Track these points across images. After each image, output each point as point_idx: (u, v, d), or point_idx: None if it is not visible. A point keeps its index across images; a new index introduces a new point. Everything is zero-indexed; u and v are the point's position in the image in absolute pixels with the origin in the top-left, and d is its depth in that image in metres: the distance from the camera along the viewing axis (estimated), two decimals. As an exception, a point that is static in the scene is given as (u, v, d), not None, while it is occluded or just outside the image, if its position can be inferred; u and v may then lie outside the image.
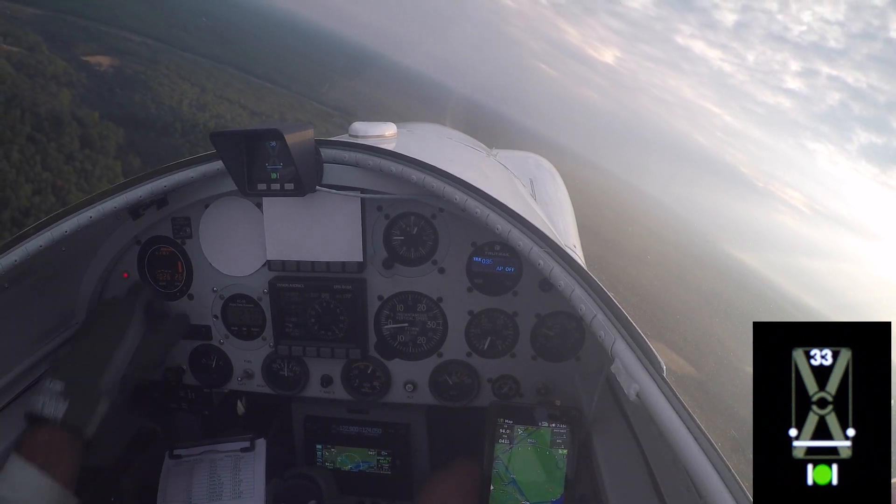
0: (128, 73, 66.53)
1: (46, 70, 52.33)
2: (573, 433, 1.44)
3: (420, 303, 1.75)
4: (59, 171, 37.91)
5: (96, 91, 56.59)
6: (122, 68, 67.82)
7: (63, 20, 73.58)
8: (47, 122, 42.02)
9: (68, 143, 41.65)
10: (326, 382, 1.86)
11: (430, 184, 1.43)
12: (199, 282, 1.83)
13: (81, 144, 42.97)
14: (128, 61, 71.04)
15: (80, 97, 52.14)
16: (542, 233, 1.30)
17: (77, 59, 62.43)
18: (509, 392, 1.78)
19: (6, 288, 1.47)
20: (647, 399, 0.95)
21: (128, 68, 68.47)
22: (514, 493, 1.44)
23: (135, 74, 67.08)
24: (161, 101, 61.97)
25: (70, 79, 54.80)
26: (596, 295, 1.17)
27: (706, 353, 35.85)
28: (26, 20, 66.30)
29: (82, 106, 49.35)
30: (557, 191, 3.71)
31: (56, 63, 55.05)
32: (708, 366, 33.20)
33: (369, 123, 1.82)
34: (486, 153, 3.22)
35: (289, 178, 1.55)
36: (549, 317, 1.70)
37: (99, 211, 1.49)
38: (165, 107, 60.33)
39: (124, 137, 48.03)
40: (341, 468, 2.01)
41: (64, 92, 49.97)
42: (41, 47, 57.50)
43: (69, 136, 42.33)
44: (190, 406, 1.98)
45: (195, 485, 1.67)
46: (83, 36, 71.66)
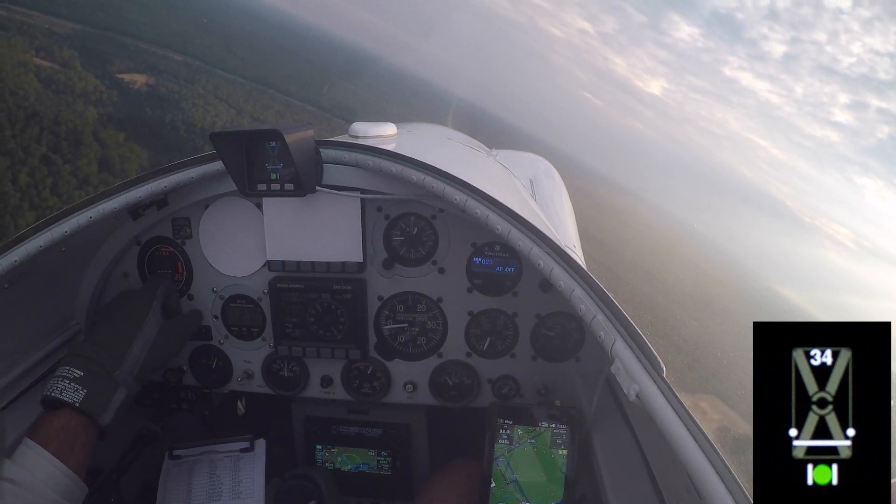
0: (161, 93, 65.53)
1: (76, 87, 51.55)
2: (573, 433, 1.44)
3: (420, 303, 1.75)
4: (68, 197, 37.04)
5: (126, 110, 55.73)
6: (157, 87, 66.87)
7: (103, 36, 72.82)
8: (66, 142, 41.00)
9: (85, 167, 40.95)
10: (326, 383, 1.86)
11: (430, 184, 1.43)
12: (198, 282, 1.83)
13: (100, 167, 42.26)
14: (164, 80, 70.14)
15: (107, 116, 51.33)
16: (541, 233, 1.30)
17: (111, 76, 61.81)
18: (509, 392, 1.78)
19: (6, 288, 1.47)
20: (647, 399, 0.95)
21: (162, 87, 67.51)
22: (514, 494, 1.44)
23: (169, 94, 66.14)
24: (192, 123, 61.35)
25: (100, 97, 54.13)
26: (596, 295, 1.17)
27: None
28: (65, 35, 65.61)
29: (108, 126, 48.47)
30: (557, 191, 3.72)
31: (87, 80, 54.24)
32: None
33: (369, 124, 1.82)
34: (485, 153, 3.22)
35: (289, 179, 1.55)
36: (549, 317, 1.70)
37: (99, 211, 1.49)
38: (196, 129, 59.59)
39: (148, 160, 47.29)
40: (341, 468, 2.01)
41: (90, 111, 49.21)
42: (74, 63, 56.77)
43: (87, 158, 41.67)
44: (190, 406, 1.98)
45: (195, 485, 1.67)
46: (122, 53, 70.85)
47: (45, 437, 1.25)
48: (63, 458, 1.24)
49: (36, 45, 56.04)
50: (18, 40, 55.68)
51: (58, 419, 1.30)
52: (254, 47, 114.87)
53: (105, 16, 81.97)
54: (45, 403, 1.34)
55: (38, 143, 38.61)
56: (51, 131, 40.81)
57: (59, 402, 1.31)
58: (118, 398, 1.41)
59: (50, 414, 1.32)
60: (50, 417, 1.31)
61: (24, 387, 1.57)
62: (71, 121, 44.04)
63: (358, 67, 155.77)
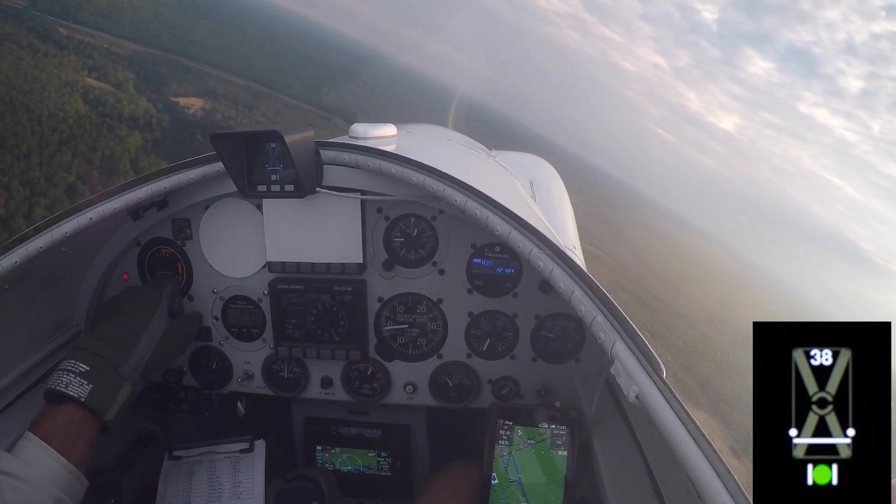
0: (216, 119, 63.81)
1: (124, 109, 49.95)
2: (573, 435, 1.44)
3: (420, 304, 1.75)
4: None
5: (175, 136, 53.69)
6: (213, 112, 65.15)
7: (164, 59, 71.02)
8: (99, 170, 39.62)
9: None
10: (326, 384, 1.86)
11: (430, 185, 1.43)
12: (199, 283, 1.83)
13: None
14: (221, 105, 68.44)
15: (153, 143, 49.56)
16: (542, 234, 1.30)
17: (165, 99, 60.33)
18: (509, 393, 1.77)
19: (6, 290, 1.47)
20: (647, 401, 0.95)
21: (219, 113, 65.87)
22: (515, 494, 1.44)
23: (224, 120, 64.36)
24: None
25: (149, 121, 52.58)
26: (596, 297, 1.17)
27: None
28: (124, 56, 64.12)
29: (151, 153, 46.74)
30: (557, 192, 3.72)
31: (138, 102, 52.62)
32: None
33: (369, 125, 1.83)
34: (485, 154, 3.22)
35: (289, 180, 1.55)
36: (548, 318, 1.70)
37: (99, 212, 1.49)
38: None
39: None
40: (341, 469, 2.01)
41: (134, 135, 47.73)
42: (128, 84, 55.31)
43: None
44: (190, 407, 1.98)
45: (194, 486, 1.67)
46: (181, 76, 69.01)
47: (48, 430, 1.24)
48: (65, 453, 1.22)
49: (90, 64, 54.94)
50: (72, 59, 54.84)
51: (62, 413, 1.28)
52: (324, 76, 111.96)
53: (171, 38, 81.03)
54: (48, 397, 1.32)
55: (66, 172, 37.31)
56: (84, 158, 39.56)
57: (65, 395, 1.29)
58: (123, 394, 1.39)
59: (53, 408, 1.30)
60: (53, 411, 1.29)
61: (24, 388, 1.57)
62: (109, 147, 42.77)
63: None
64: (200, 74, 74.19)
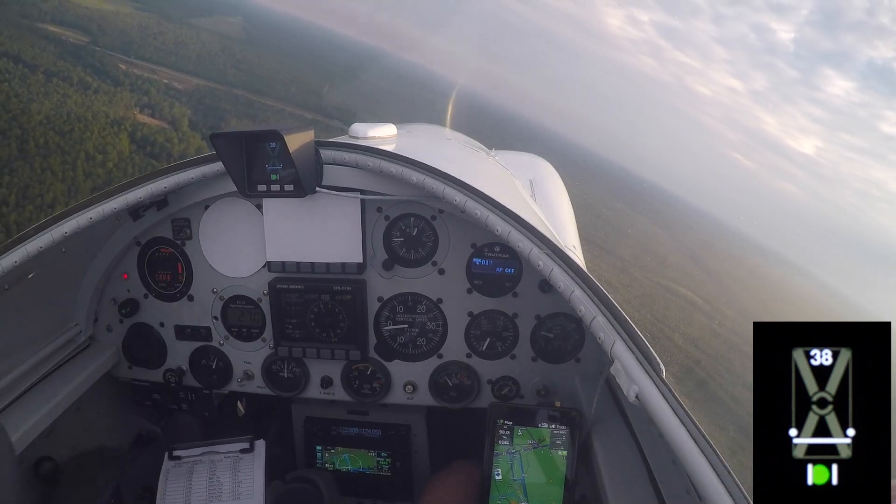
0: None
1: (173, 149, 48.80)
2: (573, 434, 1.44)
3: (420, 304, 1.75)
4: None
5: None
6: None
7: (227, 93, 69.56)
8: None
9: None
10: (326, 384, 1.86)
11: (430, 185, 1.43)
12: (199, 283, 1.83)
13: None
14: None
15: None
16: (541, 234, 1.30)
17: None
18: (509, 393, 1.77)
19: (6, 290, 1.47)
20: (647, 400, 0.95)
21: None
22: (515, 494, 1.44)
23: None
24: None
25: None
26: (596, 297, 1.17)
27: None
28: (184, 91, 63.14)
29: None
30: (557, 192, 3.72)
31: (190, 140, 51.55)
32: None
33: (369, 125, 1.82)
34: (485, 154, 3.22)
35: (289, 180, 1.55)
36: (548, 318, 1.70)
37: (99, 212, 1.49)
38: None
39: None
40: (341, 469, 2.01)
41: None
42: (182, 121, 54.20)
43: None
44: (190, 407, 1.98)
45: (194, 486, 1.67)
46: (243, 111, 67.88)
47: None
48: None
49: (144, 101, 53.82)
50: (125, 95, 53.90)
51: None
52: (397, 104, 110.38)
53: (237, 73, 79.90)
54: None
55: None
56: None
57: None
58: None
59: None
60: None
61: (25, 387, 1.57)
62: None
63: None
64: (263, 108, 73.24)
